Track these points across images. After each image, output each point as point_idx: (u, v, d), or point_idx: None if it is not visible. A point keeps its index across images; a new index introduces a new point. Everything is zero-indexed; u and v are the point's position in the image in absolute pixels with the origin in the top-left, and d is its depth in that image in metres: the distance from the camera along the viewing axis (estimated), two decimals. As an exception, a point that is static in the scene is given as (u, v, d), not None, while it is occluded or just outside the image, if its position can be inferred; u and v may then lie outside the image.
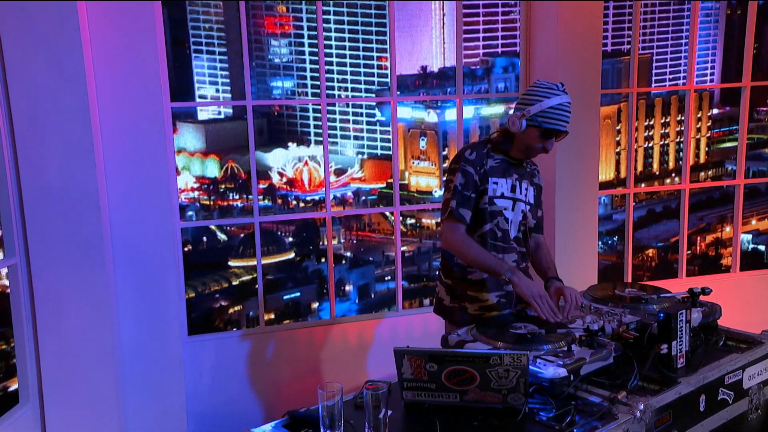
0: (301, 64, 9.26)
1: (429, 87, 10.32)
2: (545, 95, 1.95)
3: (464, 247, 1.98)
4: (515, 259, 2.05)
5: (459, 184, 1.96)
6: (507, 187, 2.05)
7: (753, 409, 1.85)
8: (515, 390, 1.30)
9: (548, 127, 1.94)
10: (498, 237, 2.02)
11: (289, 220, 8.84)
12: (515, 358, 1.27)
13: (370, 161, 10.45)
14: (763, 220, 16.35)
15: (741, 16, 18.81)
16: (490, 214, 2.01)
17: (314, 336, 3.58)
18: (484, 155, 2.00)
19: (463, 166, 2.00)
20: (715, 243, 16.71)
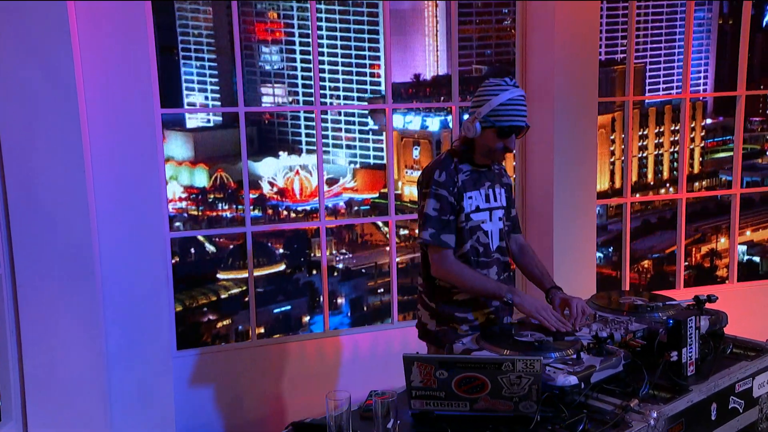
0: (292, 71, 9.28)
1: (422, 95, 10.39)
2: (493, 93, 1.90)
3: (458, 275, 1.93)
4: (496, 271, 2.02)
5: (433, 209, 1.89)
6: (481, 199, 2.00)
7: (764, 419, 1.85)
8: (527, 397, 1.29)
9: (502, 125, 1.89)
10: (480, 253, 1.99)
11: (279, 231, 8.80)
12: (528, 364, 1.26)
13: (362, 171, 10.45)
14: (758, 231, 16.53)
15: (733, 26, 19.15)
16: (468, 232, 1.97)
17: (307, 349, 3.55)
18: (453, 172, 1.93)
19: (434, 190, 1.91)
20: (710, 254, 16.85)
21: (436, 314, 2.04)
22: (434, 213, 1.91)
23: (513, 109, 1.89)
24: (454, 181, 1.94)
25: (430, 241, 1.93)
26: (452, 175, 1.95)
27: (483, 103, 1.89)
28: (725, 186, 15.19)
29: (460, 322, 1.98)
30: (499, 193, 2.07)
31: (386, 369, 3.65)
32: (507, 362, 1.27)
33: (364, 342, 3.68)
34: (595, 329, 1.80)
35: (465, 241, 1.98)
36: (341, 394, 1.24)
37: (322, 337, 3.62)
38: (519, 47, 3.86)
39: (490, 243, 2.02)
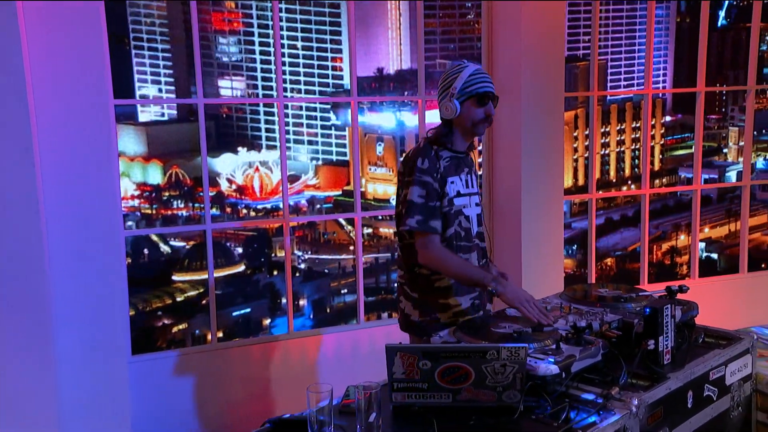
0: (251, 63, 9.13)
1: (386, 90, 10.41)
2: (459, 70, 2.05)
3: (445, 260, 1.96)
4: (477, 257, 2.08)
5: (418, 196, 1.94)
6: (462, 184, 2.08)
7: (735, 406, 1.94)
8: (511, 386, 1.31)
9: (480, 91, 2.02)
10: (461, 237, 2.04)
11: (239, 230, 8.66)
12: (513, 352, 1.28)
13: (324, 167, 10.39)
14: (716, 228, 17.16)
15: (690, 25, 19.92)
16: (452, 216, 2.02)
17: (270, 352, 3.52)
18: (434, 159, 2.00)
19: (419, 177, 1.97)
20: (670, 251, 17.39)
21: (419, 304, 2.07)
22: (420, 200, 1.94)
23: (482, 77, 2.03)
24: (437, 167, 1.98)
25: (417, 228, 1.95)
26: (434, 161, 1.99)
27: (454, 80, 1.99)
28: (684, 183, 15.76)
29: (443, 310, 2.01)
30: (474, 180, 2.15)
31: (353, 370, 3.65)
32: (492, 350, 1.28)
33: (329, 343, 3.67)
34: (571, 320, 1.84)
35: (449, 226, 2.03)
36: (323, 387, 1.24)
37: (287, 339, 3.60)
38: (485, 42, 3.92)
39: (471, 228, 2.08)
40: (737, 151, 19.63)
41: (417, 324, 2.06)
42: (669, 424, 1.60)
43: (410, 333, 2.12)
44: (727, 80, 16.68)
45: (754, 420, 2.02)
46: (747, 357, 1.94)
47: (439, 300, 2.02)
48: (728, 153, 20.01)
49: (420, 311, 2.05)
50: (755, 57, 4.43)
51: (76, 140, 2.76)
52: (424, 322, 2.04)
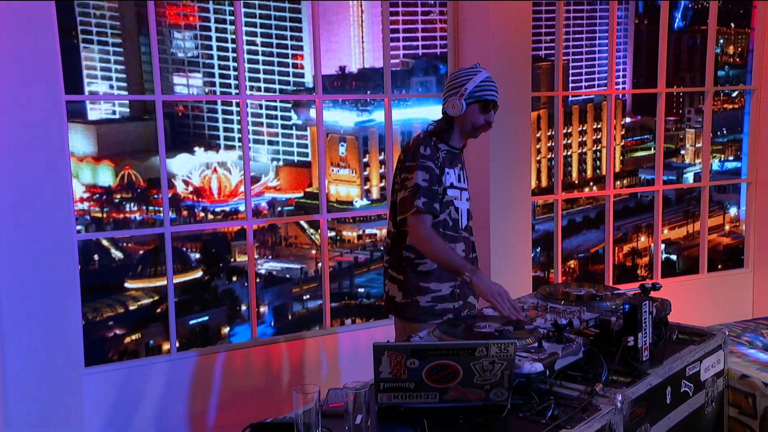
0: (208, 60, 8.97)
1: (348, 89, 10.41)
2: (473, 73, 2.20)
3: (431, 241, 2.10)
4: (463, 248, 2.21)
5: (423, 180, 2.13)
6: (455, 177, 2.24)
7: (709, 402, 2.03)
8: (498, 384, 1.36)
9: (488, 98, 2.18)
10: (449, 226, 2.19)
11: (196, 234, 8.51)
12: (502, 348, 1.32)
13: (286, 168, 10.30)
14: (675, 229, 17.75)
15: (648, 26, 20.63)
16: (444, 205, 2.18)
17: (234, 360, 3.48)
18: (434, 148, 2.18)
19: (422, 162, 2.16)
20: (631, 253, 17.89)
21: (403, 286, 2.19)
22: (425, 183, 2.11)
23: (492, 85, 2.21)
24: (437, 156, 2.14)
25: (423, 209, 2.10)
26: (435, 150, 2.15)
27: (467, 82, 2.16)
28: (644, 185, 16.25)
29: (424, 293, 2.13)
30: (465, 177, 2.28)
31: (320, 376, 3.65)
32: (481, 347, 1.32)
33: (294, 350, 3.66)
34: (550, 319, 1.90)
35: (441, 213, 2.17)
36: (310, 389, 1.24)
37: (251, 347, 3.57)
38: (451, 42, 3.98)
39: (460, 219, 2.22)
40: (694, 153, 20.43)
41: (399, 305, 2.22)
42: (650, 420, 1.68)
43: (394, 314, 2.27)
44: (683, 82, 17.36)
45: (726, 415, 2.13)
46: (720, 353, 2.04)
47: (420, 283, 2.16)
48: (686, 155, 20.81)
49: (403, 293, 2.20)
50: (712, 59, 4.64)
51: (25, 137, 2.68)
52: (405, 303, 2.20)
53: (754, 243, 4.72)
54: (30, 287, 2.71)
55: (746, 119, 4.98)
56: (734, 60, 16.99)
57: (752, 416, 2.09)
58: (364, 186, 10.93)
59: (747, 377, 2.09)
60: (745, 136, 5.01)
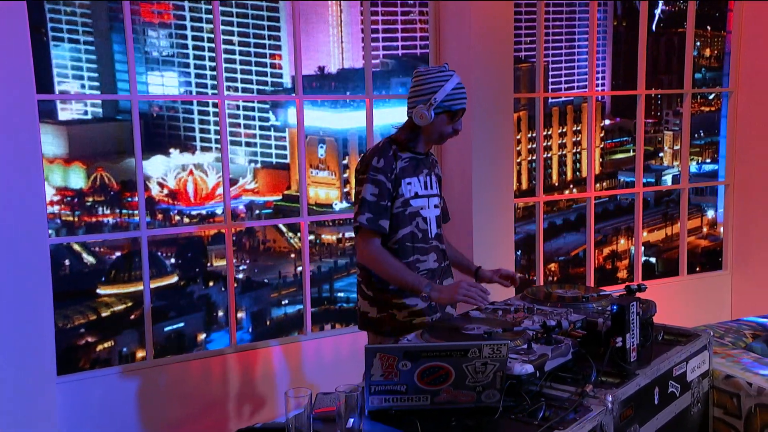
0: (183, 59, 8.87)
1: (327, 89, 10.39)
2: (443, 79, 2.12)
3: (380, 262, 2.08)
4: (435, 258, 2.19)
5: (371, 194, 2.07)
6: (420, 186, 2.20)
7: (695, 403, 2.07)
8: (491, 386, 1.37)
9: (456, 108, 2.12)
10: (418, 238, 2.15)
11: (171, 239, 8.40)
12: (495, 349, 1.34)
13: (264, 171, 10.24)
14: (653, 231, 18.01)
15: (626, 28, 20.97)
16: (408, 217, 2.13)
17: (212, 367, 3.46)
18: (391, 159, 2.12)
19: (372, 175, 2.10)
20: (611, 256, 18.08)
21: (375, 301, 2.15)
22: (372, 198, 2.06)
23: (461, 93, 2.16)
24: (392, 168, 2.09)
25: (367, 225, 2.09)
26: (390, 161, 2.10)
27: (437, 90, 2.10)
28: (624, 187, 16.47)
29: (399, 309, 2.10)
30: (434, 182, 2.26)
31: (301, 383, 3.64)
32: (474, 348, 1.33)
33: (274, 357, 3.64)
34: (537, 320, 1.92)
35: (404, 227, 2.12)
36: (302, 392, 1.24)
37: (230, 353, 3.55)
38: (432, 42, 4.00)
39: (429, 230, 2.19)
40: (672, 155, 20.75)
41: (375, 320, 2.16)
42: (639, 421, 1.71)
43: (368, 330, 2.21)
44: (661, 84, 17.67)
45: (711, 416, 2.17)
46: (705, 354, 2.09)
47: (393, 300, 2.11)
48: (664, 157, 21.10)
49: (377, 308, 2.15)
50: (690, 62, 4.74)
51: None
52: (381, 318, 2.14)
53: (732, 245, 4.82)
54: (4, 293, 2.66)
55: (723, 122, 5.09)
56: (710, 63, 17.30)
57: (737, 416, 2.13)
58: (343, 188, 10.90)
59: (731, 377, 2.14)
60: (722, 138, 5.12)
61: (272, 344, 3.62)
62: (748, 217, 4.75)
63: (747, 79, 4.67)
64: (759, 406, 2.06)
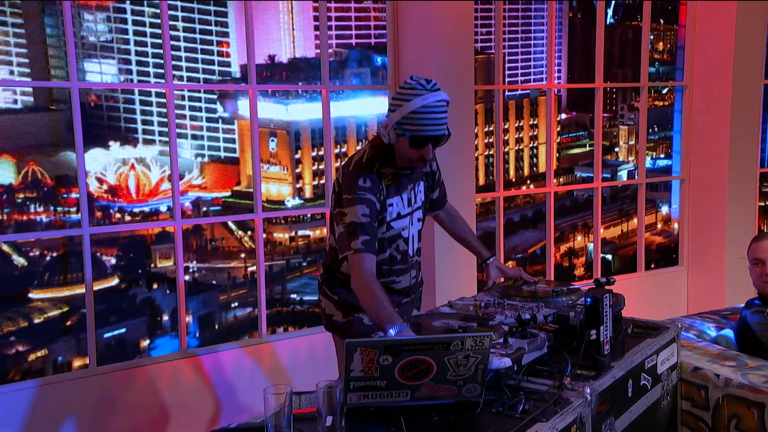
0: (124, 45, 8.55)
1: (278, 79, 10.28)
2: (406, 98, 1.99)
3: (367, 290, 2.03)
4: (414, 275, 2.21)
5: (363, 216, 2.01)
6: (403, 205, 2.17)
7: (665, 395, 2.16)
8: (472, 379, 1.40)
9: (415, 135, 1.99)
10: (397, 260, 2.16)
11: (112, 238, 8.14)
12: (477, 341, 1.37)
13: (211, 165, 10.02)
14: (609, 228, 18.53)
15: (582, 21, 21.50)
16: (388, 241, 2.13)
17: (161, 374, 3.40)
18: (377, 179, 2.07)
19: (362, 195, 2.07)
20: (568, 253, 18.48)
21: (340, 304, 2.15)
22: (365, 219, 1.99)
23: (427, 118, 1.99)
24: (381, 189, 2.04)
25: (365, 249, 2.02)
26: (377, 181, 2.04)
27: (395, 109, 1.98)
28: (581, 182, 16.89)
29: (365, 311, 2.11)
30: (418, 191, 2.23)
31: (256, 389, 3.61)
32: (456, 340, 1.36)
33: (227, 362, 3.61)
34: (509, 315, 1.97)
35: (383, 251, 2.11)
36: (281, 389, 1.24)
37: (179, 359, 3.50)
38: (390, 33, 4.03)
39: (409, 249, 2.19)
40: (627, 150, 21.36)
41: (340, 324, 2.17)
42: (614, 414, 1.77)
43: (334, 333, 2.22)
44: (616, 78, 18.21)
45: (679, 408, 2.27)
46: (674, 346, 2.18)
47: (358, 303, 2.11)
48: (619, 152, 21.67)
49: (342, 312, 2.16)
50: (647, 55, 4.91)
51: None
52: (346, 322, 2.16)
53: (688, 240, 5.02)
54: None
55: (676, 116, 5.30)
56: (663, 56, 17.83)
57: (704, 408, 2.24)
58: (296, 184, 10.80)
59: (699, 369, 2.24)
60: (676, 133, 5.33)
61: (225, 348, 3.58)
62: (703, 213, 4.94)
63: (701, 73, 4.87)
64: (726, 397, 2.16)
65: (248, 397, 3.60)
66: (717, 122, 4.88)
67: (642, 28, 4.83)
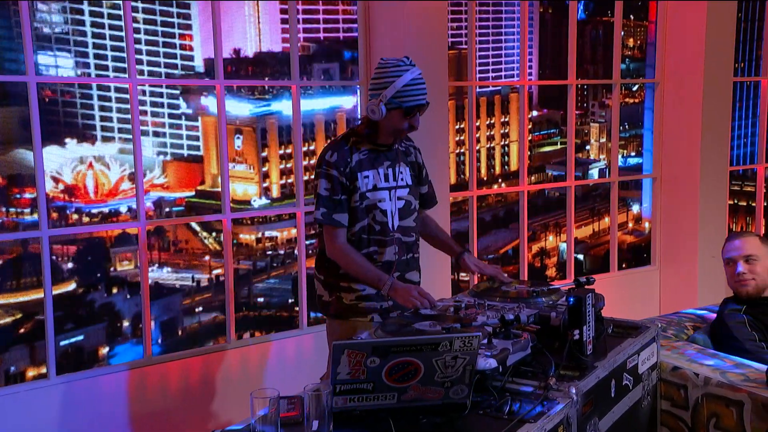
0: (81, 37, 8.35)
1: (244, 74, 10.19)
2: (396, 74, 2.20)
3: (345, 257, 2.23)
4: (396, 251, 2.29)
5: (325, 189, 2.23)
6: (380, 178, 2.31)
7: (645, 395, 2.22)
8: (459, 381, 1.42)
9: (409, 105, 2.19)
10: (376, 231, 2.27)
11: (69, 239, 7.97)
12: (466, 342, 1.39)
13: (174, 164, 9.89)
14: (580, 228, 18.86)
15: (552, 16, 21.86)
16: (365, 210, 2.26)
17: (126, 383, 3.35)
18: (347, 152, 2.25)
19: (325, 170, 2.24)
20: (540, 253, 18.73)
21: (327, 285, 2.28)
22: (325, 192, 2.18)
23: (415, 89, 2.23)
24: (347, 162, 2.19)
25: (322, 219, 2.22)
26: (345, 155, 2.20)
27: (387, 85, 2.19)
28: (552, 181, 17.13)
29: (347, 291, 2.23)
30: (401, 172, 2.33)
31: (225, 397, 3.58)
32: (445, 341, 1.38)
33: (195, 367, 3.58)
34: (491, 316, 2.00)
35: (361, 219, 2.25)
36: (269, 392, 1.25)
37: (145, 366, 3.46)
38: (362, 28, 4.04)
39: (389, 222, 2.28)
40: (599, 148, 21.70)
41: (325, 303, 2.33)
42: (598, 414, 1.82)
43: (322, 312, 2.37)
44: (586, 74, 18.52)
45: (659, 408, 2.33)
46: (653, 345, 2.24)
47: (341, 282, 2.23)
48: (590, 150, 21.99)
49: (328, 291, 2.30)
50: (619, 51, 5.01)
51: None
52: (330, 300, 2.30)
53: (660, 239, 5.09)
54: None
55: (647, 113, 5.41)
56: (634, 53, 18.14)
57: (684, 407, 2.30)
58: (263, 183, 10.73)
59: (679, 369, 2.30)
60: (647, 131, 5.43)
61: (193, 354, 3.55)
62: (675, 211, 5.03)
63: (673, 70, 4.95)
64: (706, 396, 2.23)
65: (217, 404, 3.58)
66: (688, 120, 4.96)
67: (614, 25, 4.90)
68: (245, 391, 3.77)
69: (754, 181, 5.69)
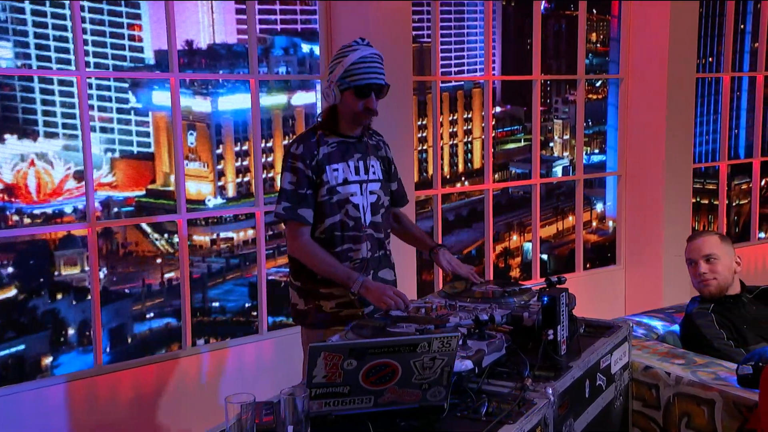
0: (21, 26, 8.09)
1: (197, 67, 10.04)
2: (343, 55, 2.15)
3: (309, 255, 2.16)
4: (369, 247, 2.25)
5: (289, 183, 2.16)
6: (350, 171, 2.24)
7: (617, 396, 2.27)
8: (437, 383, 1.43)
9: (358, 84, 2.11)
10: (349, 227, 2.21)
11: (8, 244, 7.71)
12: (445, 342, 1.40)
13: (123, 161, 9.66)
14: (545, 227, 19.19)
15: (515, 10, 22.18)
16: (336, 205, 2.19)
17: (75, 394, 3.28)
18: (313, 144, 2.18)
19: (291, 163, 2.18)
20: (504, 253, 18.94)
21: (303, 292, 2.20)
22: (290, 186, 2.12)
23: (366, 67, 2.16)
24: (314, 154, 2.13)
25: (284, 215, 2.15)
26: (312, 147, 2.13)
27: (335, 67, 2.13)
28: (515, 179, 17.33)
29: (327, 299, 2.16)
30: (372, 165, 2.28)
31: (181, 406, 3.53)
32: (423, 342, 1.39)
33: (149, 376, 3.52)
34: (464, 317, 2.02)
35: (332, 215, 2.18)
36: (244, 398, 1.24)
37: (95, 375, 3.38)
38: (323, 20, 4.02)
39: (362, 217, 2.23)
40: (562, 145, 22.07)
41: (302, 312, 2.23)
42: (573, 415, 1.85)
43: (298, 322, 2.28)
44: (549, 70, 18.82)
45: (630, 409, 2.39)
46: (625, 345, 2.30)
47: (321, 289, 2.17)
48: (554, 147, 22.33)
49: (304, 299, 2.22)
50: (583, 47, 5.10)
51: None
52: (307, 309, 2.21)
53: (625, 238, 5.16)
54: None
55: (611, 110, 5.50)
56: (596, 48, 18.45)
57: (656, 407, 2.36)
58: (218, 182, 10.57)
59: (650, 368, 2.36)
60: (611, 127, 5.53)
61: (147, 362, 3.48)
62: (640, 210, 5.11)
63: (637, 66, 5.04)
64: (677, 395, 2.29)
65: (173, 414, 3.52)
66: (653, 116, 5.03)
67: (577, 18, 4.98)
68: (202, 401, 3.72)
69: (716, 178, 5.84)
